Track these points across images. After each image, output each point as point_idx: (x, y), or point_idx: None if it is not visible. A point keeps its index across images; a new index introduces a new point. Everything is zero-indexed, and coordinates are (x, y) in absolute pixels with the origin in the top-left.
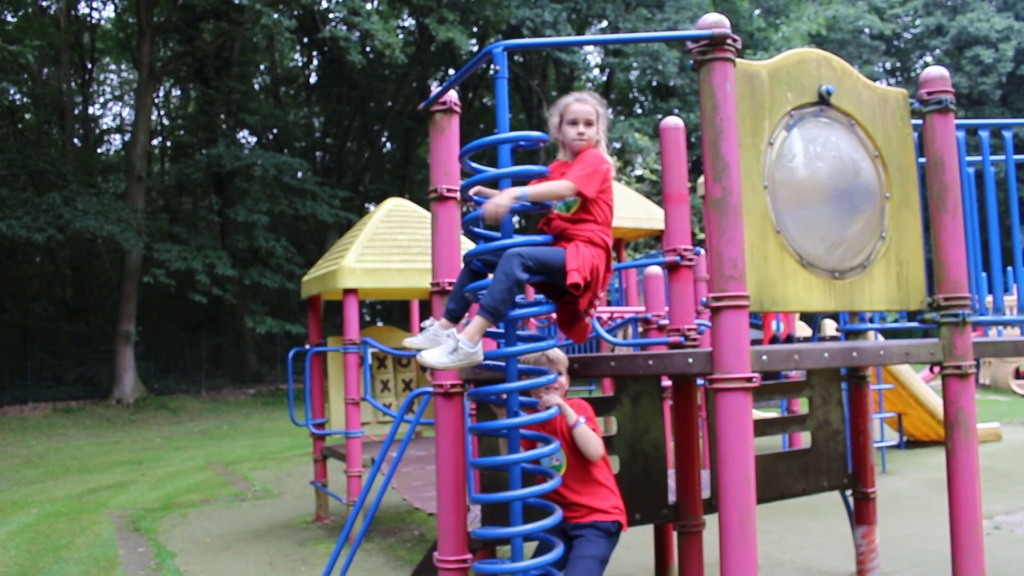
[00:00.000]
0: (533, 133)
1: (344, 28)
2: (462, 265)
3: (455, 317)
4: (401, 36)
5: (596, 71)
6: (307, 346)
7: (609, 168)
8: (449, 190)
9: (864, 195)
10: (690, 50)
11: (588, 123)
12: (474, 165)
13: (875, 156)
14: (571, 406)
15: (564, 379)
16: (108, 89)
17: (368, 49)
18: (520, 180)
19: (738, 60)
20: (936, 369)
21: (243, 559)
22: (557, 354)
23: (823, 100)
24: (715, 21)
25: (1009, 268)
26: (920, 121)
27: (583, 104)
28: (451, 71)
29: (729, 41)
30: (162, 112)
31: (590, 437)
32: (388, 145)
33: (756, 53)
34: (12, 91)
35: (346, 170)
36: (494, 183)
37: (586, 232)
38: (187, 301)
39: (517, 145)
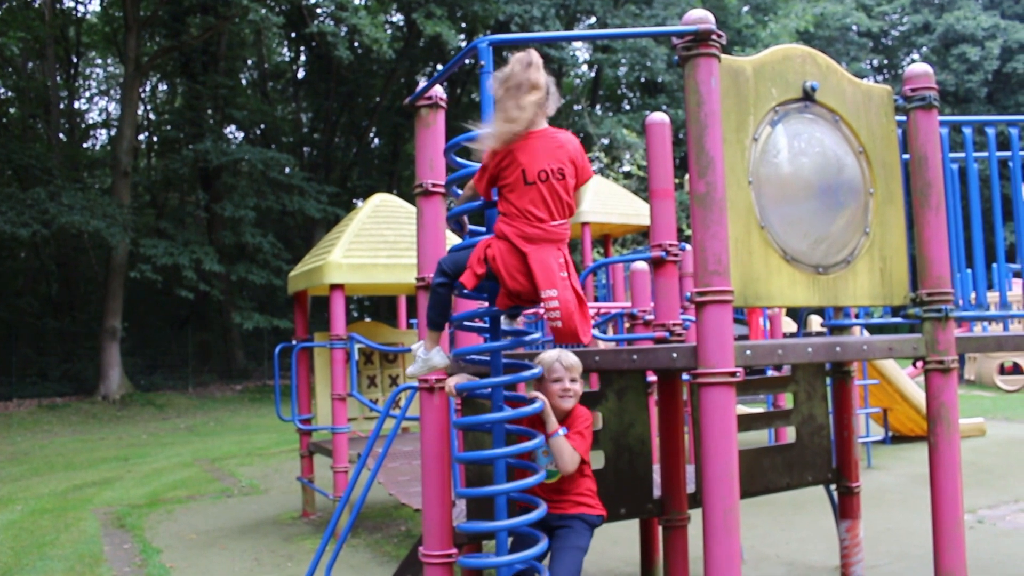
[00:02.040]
0: None
1: (332, 23)
2: None
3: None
4: (389, 31)
5: (585, 67)
6: (294, 342)
7: (489, 154)
8: (435, 185)
9: (848, 191)
10: (675, 46)
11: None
12: (460, 160)
13: (859, 152)
14: (576, 412)
15: (579, 386)
16: (94, 83)
17: (356, 44)
18: None
19: (723, 56)
20: (920, 364)
21: (229, 555)
22: (570, 360)
23: (807, 96)
24: (700, 17)
25: (992, 264)
26: (904, 117)
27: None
28: (439, 66)
29: (714, 37)
30: (148, 107)
31: (563, 450)
32: (376, 140)
33: (744, 50)
34: None
35: (334, 165)
36: None
37: (495, 226)
38: (174, 297)
39: None
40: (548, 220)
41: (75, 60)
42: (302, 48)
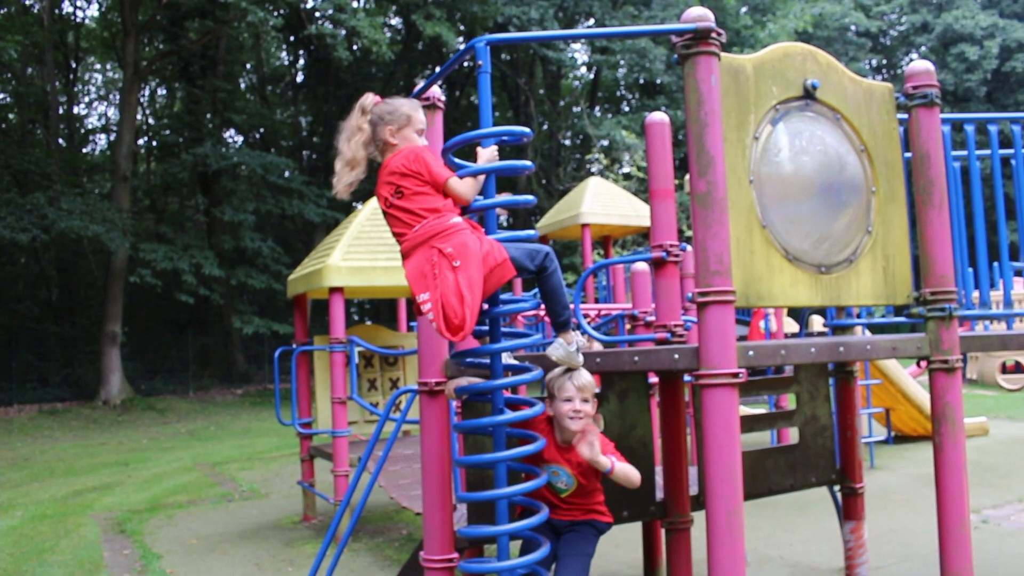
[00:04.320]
0: (517, 128)
1: (330, 25)
2: None
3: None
4: (388, 34)
5: (583, 69)
6: (293, 345)
7: None
8: None
9: (850, 189)
10: (675, 44)
11: None
12: (458, 161)
13: (861, 150)
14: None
15: (590, 407)
16: (93, 88)
17: (355, 46)
18: (504, 175)
19: (723, 54)
20: (923, 364)
21: (229, 560)
22: (583, 380)
23: (808, 94)
24: (699, 15)
25: (995, 263)
26: (906, 115)
27: None
28: (438, 68)
29: (714, 35)
30: (147, 111)
31: (628, 473)
32: None
33: (743, 50)
34: None
35: (333, 169)
36: None
37: None
38: (174, 301)
39: (501, 140)
40: (409, 231)
41: (74, 65)
42: (301, 51)
